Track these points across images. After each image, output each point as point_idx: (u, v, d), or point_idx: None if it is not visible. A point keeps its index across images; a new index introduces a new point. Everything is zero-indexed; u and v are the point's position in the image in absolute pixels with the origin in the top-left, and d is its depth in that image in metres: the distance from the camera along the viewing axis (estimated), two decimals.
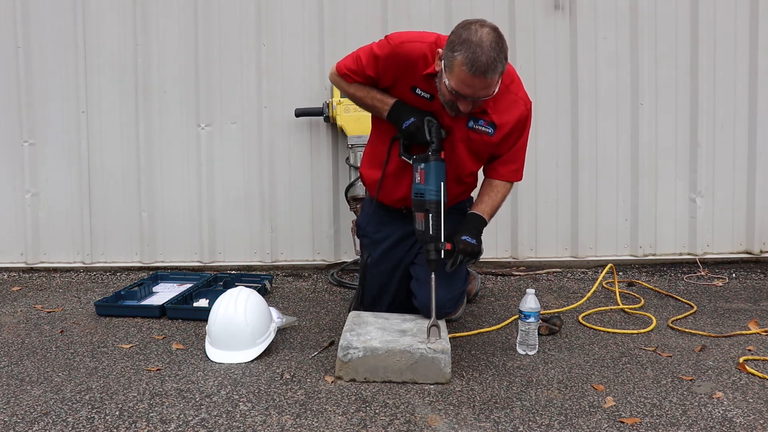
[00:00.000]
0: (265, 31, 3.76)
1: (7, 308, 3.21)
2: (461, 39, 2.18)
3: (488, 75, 2.18)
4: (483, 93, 2.24)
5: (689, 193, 3.82)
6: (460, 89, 2.22)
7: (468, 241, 2.40)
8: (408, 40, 2.40)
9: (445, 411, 2.06)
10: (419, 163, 2.42)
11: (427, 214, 2.38)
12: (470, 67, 2.16)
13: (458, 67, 2.18)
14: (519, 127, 2.50)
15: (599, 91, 3.76)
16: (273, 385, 2.25)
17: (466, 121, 2.44)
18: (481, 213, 2.50)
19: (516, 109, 2.45)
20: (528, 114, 2.50)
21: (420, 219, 2.41)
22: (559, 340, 2.69)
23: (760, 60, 3.73)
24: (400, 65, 2.40)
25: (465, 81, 2.20)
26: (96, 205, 3.85)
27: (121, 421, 1.99)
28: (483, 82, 2.19)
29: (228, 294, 2.59)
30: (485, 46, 2.15)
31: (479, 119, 2.44)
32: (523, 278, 3.69)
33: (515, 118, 2.45)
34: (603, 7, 3.73)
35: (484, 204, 2.53)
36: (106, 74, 3.80)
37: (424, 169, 2.40)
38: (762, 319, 2.93)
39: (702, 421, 1.99)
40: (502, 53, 2.19)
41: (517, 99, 2.45)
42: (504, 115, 2.44)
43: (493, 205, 2.54)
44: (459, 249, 2.37)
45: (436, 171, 2.39)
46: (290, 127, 3.79)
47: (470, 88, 2.21)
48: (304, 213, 3.84)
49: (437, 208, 2.37)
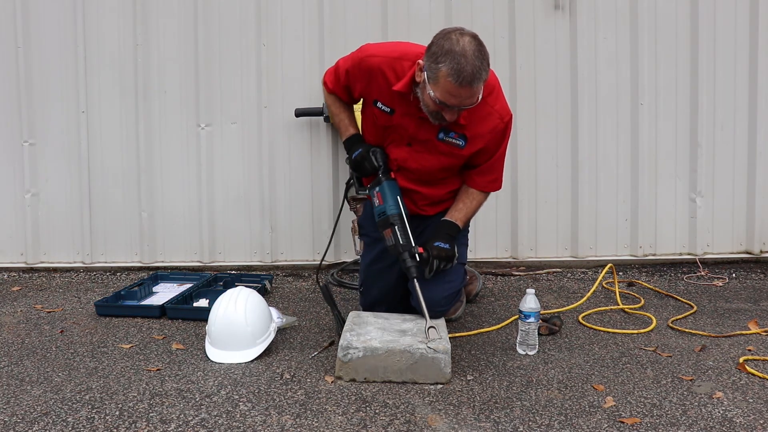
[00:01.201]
0: (265, 31, 3.76)
1: (7, 308, 3.21)
2: (444, 50, 2.21)
3: (474, 84, 2.22)
4: (468, 102, 2.28)
5: (689, 193, 3.82)
6: (447, 100, 2.25)
7: (441, 247, 2.47)
8: (372, 54, 2.48)
9: (445, 411, 2.06)
10: (374, 188, 2.56)
11: (393, 227, 2.47)
12: (456, 78, 2.19)
13: (444, 79, 2.21)
14: (494, 140, 2.50)
15: (599, 91, 3.76)
16: (273, 385, 2.25)
17: (437, 132, 2.48)
18: (454, 219, 2.57)
19: (490, 121, 2.46)
20: (504, 126, 2.49)
21: (388, 235, 2.49)
22: (559, 340, 2.69)
23: (760, 60, 3.73)
24: (364, 78, 2.50)
25: (451, 92, 2.23)
26: (96, 205, 3.85)
27: (121, 421, 1.99)
28: (469, 92, 2.23)
29: (228, 294, 2.59)
30: (469, 55, 2.19)
31: (450, 131, 2.47)
32: (523, 278, 3.69)
33: (487, 130, 2.47)
34: (603, 7, 3.73)
35: (458, 211, 2.58)
36: (106, 74, 3.80)
37: (379, 191, 2.54)
38: (762, 319, 2.93)
39: (702, 421, 1.99)
40: (485, 61, 2.23)
41: (492, 111, 2.45)
42: (477, 127, 2.46)
43: (467, 212, 2.60)
44: (433, 255, 2.45)
45: (390, 188, 2.52)
46: (290, 127, 3.79)
47: (456, 98, 2.25)
48: (304, 213, 3.84)
49: (400, 218, 2.48)
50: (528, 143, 3.77)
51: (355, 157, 2.59)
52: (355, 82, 2.55)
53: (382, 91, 2.48)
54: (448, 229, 2.54)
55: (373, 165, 2.56)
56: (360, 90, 2.56)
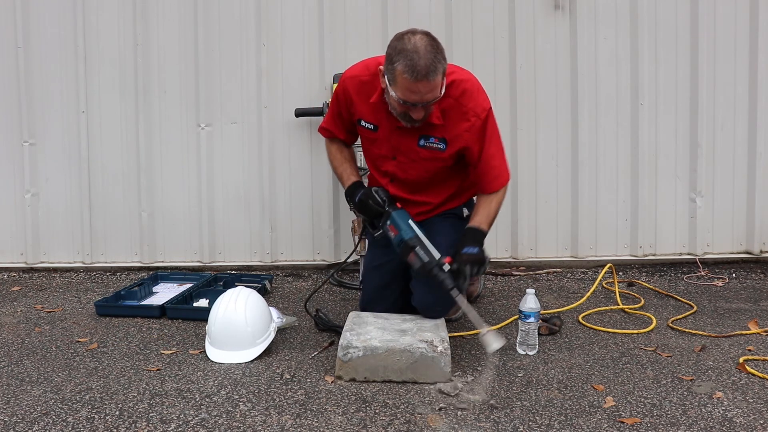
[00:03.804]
0: (265, 31, 3.76)
1: (7, 308, 3.21)
2: (397, 50, 2.27)
3: (430, 77, 2.24)
4: (430, 96, 2.30)
5: (689, 193, 3.82)
6: (407, 97, 2.29)
7: (470, 252, 2.43)
8: (348, 75, 2.60)
9: (445, 411, 2.06)
10: (385, 223, 2.55)
11: (413, 250, 2.45)
12: (411, 74, 2.23)
13: (400, 77, 2.25)
14: (475, 137, 2.50)
15: (599, 91, 3.76)
16: (273, 385, 2.25)
17: (417, 140, 2.51)
18: (478, 225, 2.54)
19: (465, 121, 2.47)
20: (481, 123, 2.48)
21: (413, 260, 2.46)
22: (559, 340, 2.69)
23: (760, 60, 3.73)
24: (347, 100, 2.58)
25: (409, 88, 2.26)
26: (96, 205, 3.85)
27: (121, 421, 1.99)
28: (427, 86, 2.26)
29: (228, 294, 2.59)
30: (421, 51, 2.24)
31: (430, 137, 2.50)
32: (523, 278, 3.69)
33: (464, 129, 2.48)
34: (603, 7, 3.73)
35: (480, 215, 2.57)
36: (106, 74, 3.80)
37: (390, 223, 2.53)
38: (762, 319, 2.93)
39: (702, 421, 1.99)
40: (439, 54, 2.27)
41: (466, 111, 2.46)
42: (454, 128, 2.48)
43: (489, 215, 2.58)
44: (463, 261, 2.39)
45: (399, 217, 2.53)
46: (290, 127, 3.80)
47: (416, 94, 2.28)
48: (304, 213, 3.84)
49: (418, 240, 2.47)
50: (528, 143, 3.77)
51: (358, 200, 2.60)
52: (344, 109, 2.61)
53: (363, 109, 2.54)
54: (474, 234, 2.52)
55: (377, 202, 2.56)
56: (347, 117, 2.63)
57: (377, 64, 2.44)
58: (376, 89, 2.47)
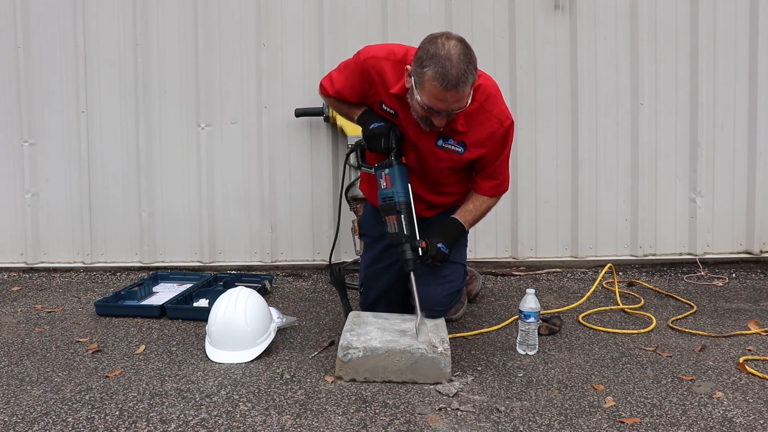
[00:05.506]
0: (265, 31, 3.76)
1: (7, 308, 3.21)
2: (429, 54, 2.18)
3: (460, 88, 2.17)
4: (456, 106, 2.24)
5: (689, 193, 3.82)
6: (433, 104, 2.22)
7: (440, 249, 2.45)
8: (374, 55, 2.43)
9: (445, 411, 2.06)
10: (383, 170, 2.49)
11: (398, 215, 2.42)
12: (441, 82, 2.16)
13: (429, 83, 2.18)
14: (495, 145, 2.47)
15: (599, 91, 3.76)
16: (273, 385, 2.25)
17: (435, 139, 2.45)
18: (462, 220, 2.53)
19: (488, 126, 2.42)
20: (504, 131, 2.45)
21: (392, 222, 2.44)
22: (559, 340, 2.69)
23: (760, 60, 3.73)
24: (366, 79, 2.44)
25: (437, 96, 2.19)
26: (96, 205, 3.85)
27: (121, 421, 1.99)
28: (455, 96, 2.19)
29: (228, 294, 2.59)
30: (454, 59, 2.15)
31: (449, 138, 2.44)
32: (523, 278, 3.69)
33: (486, 136, 2.43)
34: (603, 7, 3.73)
35: (468, 212, 2.55)
36: (106, 74, 3.80)
37: (388, 174, 2.47)
38: (762, 319, 2.93)
39: (702, 421, 1.99)
40: (471, 64, 2.19)
41: (490, 117, 2.42)
42: (476, 133, 2.43)
43: (475, 214, 2.57)
44: (431, 254, 2.42)
45: (400, 174, 2.46)
46: (290, 127, 3.80)
47: (443, 102, 2.21)
48: (304, 213, 3.84)
49: (407, 208, 2.43)
50: (528, 143, 3.77)
51: (372, 128, 2.47)
52: (357, 84, 2.49)
53: (383, 93, 2.45)
54: (454, 229, 2.51)
55: (388, 144, 2.47)
56: (362, 92, 2.50)
57: (404, 54, 2.37)
58: (398, 80, 2.38)
